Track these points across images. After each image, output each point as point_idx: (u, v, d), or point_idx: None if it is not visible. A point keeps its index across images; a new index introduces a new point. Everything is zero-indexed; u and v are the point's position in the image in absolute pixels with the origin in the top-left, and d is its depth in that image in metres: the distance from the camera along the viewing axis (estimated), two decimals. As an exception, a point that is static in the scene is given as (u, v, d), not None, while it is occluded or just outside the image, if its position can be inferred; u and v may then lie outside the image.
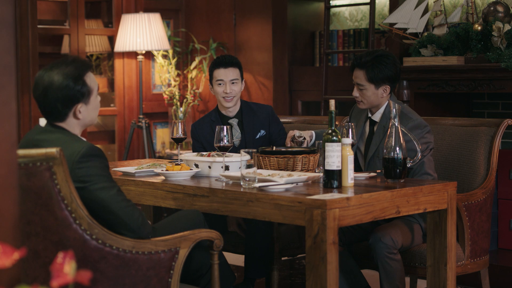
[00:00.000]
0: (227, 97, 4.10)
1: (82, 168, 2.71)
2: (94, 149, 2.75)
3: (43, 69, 2.83)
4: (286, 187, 3.15)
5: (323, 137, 3.17)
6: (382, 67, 3.70)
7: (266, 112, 4.19)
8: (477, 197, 3.69)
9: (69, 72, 2.79)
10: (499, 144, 3.85)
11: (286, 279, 4.83)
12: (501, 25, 4.56)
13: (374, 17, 5.45)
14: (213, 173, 3.58)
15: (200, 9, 6.63)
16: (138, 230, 2.78)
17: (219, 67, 4.12)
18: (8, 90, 1.62)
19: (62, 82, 2.77)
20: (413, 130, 3.61)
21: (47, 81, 2.78)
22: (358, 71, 3.75)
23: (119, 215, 2.75)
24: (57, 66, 2.81)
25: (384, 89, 3.73)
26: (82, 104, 2.83)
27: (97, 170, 2.73)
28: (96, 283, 2.68)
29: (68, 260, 1.48)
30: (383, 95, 3.75)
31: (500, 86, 4.68)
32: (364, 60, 3.73)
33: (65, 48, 6.68)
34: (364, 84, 3.73)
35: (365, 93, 3.75)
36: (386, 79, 3.72)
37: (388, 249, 3.43)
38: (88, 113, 2.86)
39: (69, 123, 2.85)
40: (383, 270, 3.45)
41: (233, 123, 4.17)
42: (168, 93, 6.53)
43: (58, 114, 2.82)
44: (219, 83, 4.11)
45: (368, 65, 3.71)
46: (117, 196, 2.76)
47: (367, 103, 3.77)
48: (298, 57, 6.18)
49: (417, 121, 3.67)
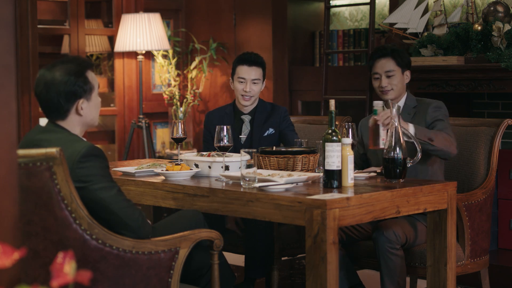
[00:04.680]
0: (245, 95, 4.12)
1: (83, 168, 2.71)
2: (94, 149, 2.75)
3: (44, 68, 2.85)
4: (286, 187, 3.15)
5: (323, 137, 3.17)
6: (402, 52, 3.92)
7: (279, 113, 4.21)
8: (477, 197, 3.69)
9: (70, 68, 2.81)
10: (499, 144, 3.85)
11: (286, 279, 4.83)
12: (501, 25, 4.56)
13: (374, 17, 5.45)
14: (213, 173, 3.58)
15: (200, 9, 6.63)
16: (138, 230, 2.78)
17: (243, 64, 4.14)
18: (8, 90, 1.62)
19: (64, 77, 2.79)
20: (438, 108, 3.80)
21: (49, 78, 2.80)
22: (384, 60, 3.88)
23: (119, 215, 2.76)
24: (58, 64, 2.83)
25: (406, 74, 3.91)
26: (84, 100, 2.84)
27: (98, 170, 2.74)
28: (96, 283, 2.68)
29: (68, 260, 1.48)
30: (406, 80, 3.92)
31: (500, 86, 4.68)
32: (385, 50, 3.90)
33: (65, 48, 6.68)
34: (394, 69, 3.86)
35: (394, 80, 3.87)
36: (408, 64, 3.93)
37: (391, 243, 3.44)
38: (89, 110, 2.86)
39: (70, 121, 2.86)
40: (385, 264, 3.45)
41: (245, 119, 4.20)
42: (168, 93, 6.53)
43: (60, 110, 2.82)
44: (240, 80, 4.13)
45: (392, 52, 3.88)
46: (117, 196, 2.76)
47: (396, 90, 3.87)
48: (298, 57, 6.18)
49: (440, 102, 3.86)
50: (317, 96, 5.89)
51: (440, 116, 3.76)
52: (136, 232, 2.78)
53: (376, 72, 3.88)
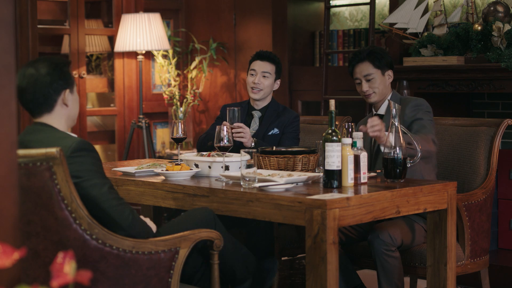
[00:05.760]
0: (254, 87, 4.20)
1: (74, 164, 2.70)
2: (84, 143, 2.74)
3: (24, 66, 2.85)
4: (286, 187, 3.15)
5: (323, 137, 3.17)
6: (381, 54, 3.88)
7: (288, 116, 4.23)
8: (477, 197, 3.69)
9: (53, 62, 2.83)
10: (499, 144, 3.85)
11: (286, 279, 4.83)
12: (501, 25, 4.56)
13: (374, 17, 5.45)
14: (213, 173, 3.58)
15: (200, 9, 6.63)
16: (128, 228, 2.76)
17: (257, 59, 4.26)
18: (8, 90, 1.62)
19: (49, 69, 2.81)
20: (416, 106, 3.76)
21: (34, 71, 2.80)
22: (362, 64, 3.87)
23: (109, 213, 2.74)
24: (37, 61, 2.84)
25: (388, 74, 3.88)
26: (69, 92, 2.85)
27: (89, 166, 2.72)
28: (96, 283, 2.68)
29: (68, 260, 1.48)
30: (388, 81, 3.88)
31: (500, 86, 4.68)
32: (362, 54, 3.88)
33: (65, 48, 6.68)
34: (372, 72, 3.84)
35: (374, 83, 3.85)
36: (389, 64, 3.88)
37: (386, 246, 3.44)
38: (73, 103, 2.88)
39: (57, 115, 2.84)
40: (381, 267, 3.45)
41: (255, 115, 4.25)
42: (168, 93, 6.53)
43: (48, 100, 2.81)
44: (251, 73, 4.23)
45: (369, 55, 3.86)
46: (108, 194, 2.74)
47: (378, 93, 3.86)
48: (298, 57, 6.18)
49: (420, 100, 3.83)
50: (317, 96, 5.89)
51: (419, 115, 3.74)
52: (126, 230, 2.76)
53: (356, 77, 3.89)
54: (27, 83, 2.80)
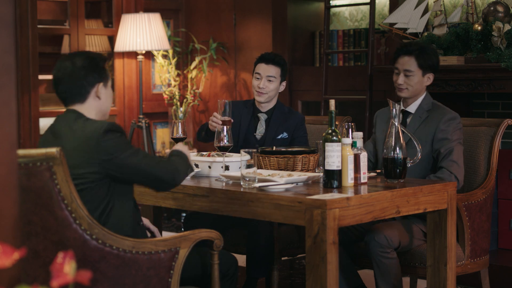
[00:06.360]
0: (259, 91, 4.18)
1: (109, 141, 2.79)
2: (115, 125, 2.86)
3: (61, 58, 2.96)
4: (286, 187, 3.15)
5: (323, 137, 3.17)
6: (430, 54, 3.82)
7: (295, 119, 4.22)
8: (477, 197, 3.69)
9: (89, 55, 2.94)
10: (499, 144, 3.85)
11: (286, 279, 4.83)
12: (501, 25, 4.56)
13: (374, 17, 5.45)
14: (213, 173, 3.58)
15: (200, 9, 6.63)
16: (172, 180, 2.92)
17: (262, 62, 4.23)
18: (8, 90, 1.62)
19: (85, 61, 2.91)
20: (450, 120, 3.73)
21: (71, 63, 2.90)
22: (406, 58, 3.82)
23: (153, 174, 2.87)
24: (75, 54, 2.96)
25: (428, 77, 3.84)
26: (102, 85, 2.93)
27: (122, 141, 2.84)
28: (96, 283, 2.68)
29: (68, 260, 1.48)
30: (426, 83, 3.84)
31: (500, 86, 4.68)
32: (412, 48, 3.82)
33: (65, 48, 6.68)
34: (413, 70, 3.80)
35: (411, 80, 3.80)
36: (432, 67, 3.83)
37: (382, 248, 3.44)
38: (106, 97, 2.96)
39: (88, 106, 2.92)
40: (377, 267, 3.46)
41: (261, 118, 4.24)
42: (168, 93, 6.53)
43: (82, 91, 2.90)
44: (257, 76, 4.21)
45: (417, 52, 3.80)
46: (145, 158, 2.87)
47: (411, 90, 3.82)
48: (298, 57, 6.18)
49: (454, 113, 3.78)
50: (317, 96, 5.89)
51: (450, 135, 3.70)
52: (171, 182, 2.93)
53: (396, 67, 3.85)
54: (63, 74, 2.91)
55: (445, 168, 3.64)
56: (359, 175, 3.24)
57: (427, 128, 3.76)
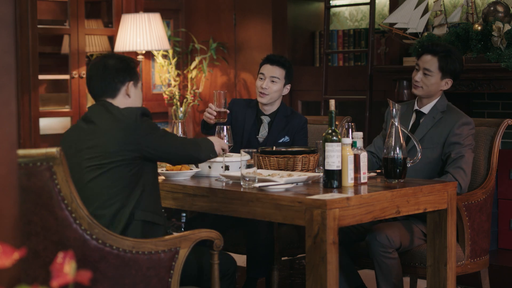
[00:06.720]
0: (262, 92, 4.15)
1: (145, 122, 2.96)
2: (148, 111, 3.03)
3: (94, 59, 3.15)
4: (286, 187, 3.15)
5: (323, 137, 3.17)
6: (454, 59, 3.79)
7: (297, 121, 4.20)
8: (477, 197, 3.69)
9: (120, 57, 3.11)
10: (499, 144, 3.85)
11: (286, 279, 4.83)
12: (501, 25, 4.56)
13: (374, 17, 5.45)
14: (213, 173, 3.58)
15: (200, 9, 6.63)
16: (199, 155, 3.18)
17: (267, 63, 4.21)
18: (8, 90, 1.62)
19: (118, 61, 3.06)
20: (464, 125, 3.72)
21: (104, 62, 3.06)
22: (429, 57, 3.80)
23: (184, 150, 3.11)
24: (107, 55, 3.11)
25: (446, 82, 3.82)
26: (132, 84, 3.06)
27: (154, 124, 3.02)
28: (96, 283, 2.68)
29: (68, 260, 1.48)
30: (443, 87, 3.82)
31: (500, 86, 4.68)
32: (438, 49, 3.80)
33: (65, 48, 6.68)
34: (433, 70, 3.78)
35: (428, 80, 3.79)
36: (453, 73, 3.81)
37: (383, 247, 3.44)
38: (135, 96, 3.08)
39: (118, 102, 3.04)
40: (378, 267, 3.45)
41: (264, 120, 4.22)
42: (168, 93, 6.53)
43: (113, 87, 3.03)
44: (260, 77, 4.19)
45: (442, 54, 3.78)
46: (174, 136, 3.12)
47: (425, 90, 3.81)
48: (298, 57, 6.18)
49: (469, 118, 3.78)
50: (317, 96, 5.89)
51: (462, 139, 3.70)
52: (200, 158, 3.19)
53: (417, 64, 3.83)
54: (96, 72, 3.04)
55: (451, 173, 3.63)
56: (359, 175, 3.24)
57: (440, 129, 3.76)
